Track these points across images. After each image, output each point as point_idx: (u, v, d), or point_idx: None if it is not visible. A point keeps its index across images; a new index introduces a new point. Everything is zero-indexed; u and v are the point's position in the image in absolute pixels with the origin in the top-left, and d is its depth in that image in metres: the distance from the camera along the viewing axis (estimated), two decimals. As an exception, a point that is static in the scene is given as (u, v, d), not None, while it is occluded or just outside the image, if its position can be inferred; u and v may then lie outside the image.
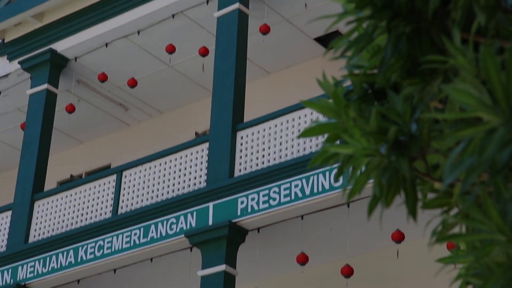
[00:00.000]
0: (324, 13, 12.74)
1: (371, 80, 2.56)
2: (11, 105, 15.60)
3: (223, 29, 12.47)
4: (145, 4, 13.44)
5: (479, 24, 2.26)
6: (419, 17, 2.38)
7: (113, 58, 14.26)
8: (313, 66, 13.88)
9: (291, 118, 11.45)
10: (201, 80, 14.68)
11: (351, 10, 2.49)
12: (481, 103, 2.09)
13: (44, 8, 14.39)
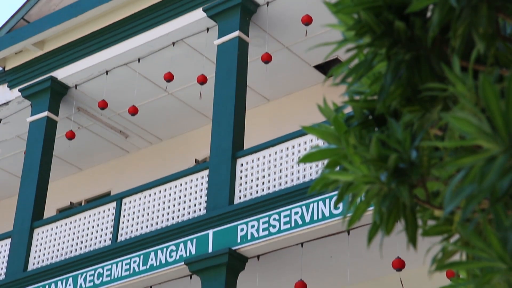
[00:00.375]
0: (324, 40, 12.78)
1: (371, 106, 2.56)
2: (11, 133, 15.62)
3: (223, 56, 12.51)
4: (146, 32, 13.49)
5: (478, 52, 2.26)
6: (418, 45, 2.39)
7: (113, 86, 14.29)
8: (313, 93, 13.91)
9: (291, 145, 11.46)
10: (201, 107, 14.71)
11: (351, 37, 2.50)
12: (480, 131, 2.09)
13: (45, 36, 14.44)
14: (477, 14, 2.20)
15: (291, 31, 13.07)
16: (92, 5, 13.83)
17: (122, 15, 13.78)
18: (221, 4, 12.68)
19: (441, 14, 2.25)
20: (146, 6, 13.53)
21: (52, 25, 14.20)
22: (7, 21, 15.01)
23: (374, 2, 2.38)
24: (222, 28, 12.69)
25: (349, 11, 2.43)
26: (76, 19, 14.04)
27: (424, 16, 2.39)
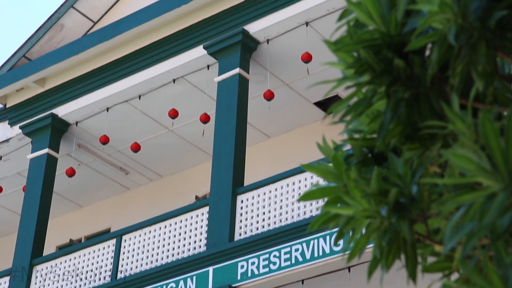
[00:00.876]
0: (324, 77, 12.83)
1: (370, 145, 2.57)
2: (11, 170, 15.62)
3: (224, 93, 12.55)
4: (147, 69, 13.55)
5: (477, 90, 2.28)
6: (418, 83, 2.40)
7: (114, 122, 14.32)
8: (313, 130, 13.93)
9: (291, 182, 11.45)
10: (201, 144, 14.72)
11: (350, 75, 2.51)
12: (480, 169, 2.09)
13: (46, 74, 14.50)
14: (475, 53, 2.22)
15: (291, 68, 13.13)
16: (93, 43, 13.90)
17: (123, 53, 13.85)
18: (222, 42, 12.75)
19: (440, 52, 2.26)
20: (147, 43, 13.61)
21: (53, 62, 14.26)
22: (8, 58, 15.08)
23: (373, 40, 2.40)
24: (222, 66, 12.74)
25: (349, 49, 2.44)
26: (77, 57, 14.11)
27: (423, 55, 2.41)
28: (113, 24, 13.82)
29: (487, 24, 2.18)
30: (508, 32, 2.20)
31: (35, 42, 14.87)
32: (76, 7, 14.81)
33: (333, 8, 11.96)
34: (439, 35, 2.25)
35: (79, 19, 14.91)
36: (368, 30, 2.42)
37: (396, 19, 2.37)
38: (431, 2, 2.21)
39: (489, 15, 2.18)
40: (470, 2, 2.17)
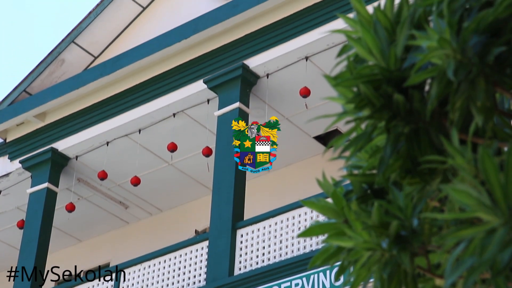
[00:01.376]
0: (324, 112, 12.85)
1: (370, 180, 2.57)
2: (11, 204, 15.59)
3: (224, 127, 12.56)
4: (147, 103, 13.58)
5: (476, 126, 2.28)
6: (417, 118, 2.41)
7: (114, 157, 14.33)
8: (313, 164, 13.93)
9: (291, 216, 11.43)
10: (201, 178, 14.71)
11: (350, 110, 2.52)
12: (480, 204, 2.10)
13: (46, 108, 14.53)
14: (474, 88, 2.23)
15: (291, 102, 13.16)
16: (94, 78, 13.95)
17: (123, 87, 13.89)
18: (222, 76, 12.79)
19: (440, 87, 2.27)
20: (147, 78, 13.65)
21: (54, 97, 14.30)
22: (9, 93, 15.11)
23: (373, 75, 2.41)
24: (222, 100, 12.77)
25: (349, 84, 2.46)
26: (78, 91, 14.15)
27: (422, 90, 2.42)
28: (114, 59, 13.88)
29: (486, 60, 2.19)
30: (507, 68, 2.22)
31: (36, 76, 14.92)
32: (77, 42, 14.89)
33: (333, 43, 12.01)
34: (438, 70, 2.27)
35: (80, 53, 14.97)
36: (367, 65, 2.43)
37: (396, 55, 2.38)
38: (430, 38, 2.22)
39: (488, 51, 2.20)
40: (469, 38, 2.18)
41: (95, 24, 14.88)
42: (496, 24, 2.20)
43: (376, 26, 2.43)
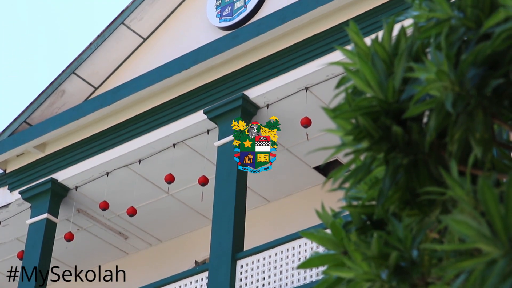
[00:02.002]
0: (324, 142, 12.87)
1: (369, 212, 2.57)
2: (10, 235, 15.55)
3: (224, 158, 12.57)
4: (147, 134, 13.59)
5: (475, 157, 2.29)
6: (416, 149, 2.41)
7: (114, 187, 14.31)
8: (313, 195, 13.92)
9: (291, 247, 11.41)
10: (201, 208, 14.70)
11: (349, 142, 2.53)
12: (480, 235, 2.09)
13: (47, 139, 14.54)
14: (473, 120, 2.23)
15: (291, 133, 13.17)
16: (94, 108, 13.98)
17: (123, 118, 13.91)
18: (222, 107, 12.82)
19: (438, 119, 2.28)
20: (147, 108, 13.67)
21: (54, 128, 14.32)
22: (9, 124, 15.14)
23: (371, 107, 2.41)
24: (222, 130, 12.79)
25: (347, 116, 2.46)
26: (78, 122, 14.17)
27: (421, 121, 2.43)
28: (114, 90, 13.91)
29: (484, 92, 2.20)
30: (505, 100, 2.23)
31: (36, 107, 14.95)
32: (77, 73, 14.93)
33: (332, 73, 12.05)
34: (436, 102, 2.27)
35: (80, 84, 15.02)
36: (366, 97, 2.44)
37: (394, 87, 2.39)
38: (428, 70, 2.23)
39: (486, 83, 2.21)
40: (467, 70, 2.19)
41: (96, 55, 14.93)
42: (494, 56, 2.22)
43: (374, 58, 2.44)
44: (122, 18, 14.72)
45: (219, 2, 13.95)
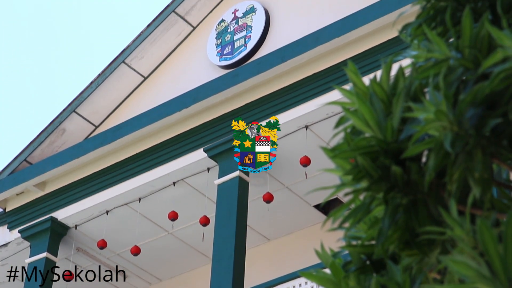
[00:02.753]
0: (324, 180, 12.86)
1: (369, 251, 2.57)
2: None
3: (224, 196, 12.55)
4: (147, 172, 13.59)
5: (474, 197, 2.29)
6: (415, 189, 2.41)
7: (113, 226, 14.28)
8: (313, 234, 13.88)
9: (291, 286, 11.36)
10: (201, 247, 14.65)
11: (348, 181, 2.53)
12: (479, 275, 2.09)
13: (47, 178, 14.54)
14: (472, 160, 2.24)
15: (291, 171, 13.17)
16: (94, 147, 13.99)
17: (124, 156, 13.92)
18: (222, 145, 12.83)
19: (437, 159, 2.28)
20: (147, 147, 13.69)
21: (54, 166, 14.32)
22: (9, 163, 15.14)
23: (370, 147, 2.42)
24: (222, 168, 12.79)
25: (346, 156, 2.46)
26: (78, 160, 14.17)
27: (420, 161, 2.43)
28: (114, 128, 13.94)
29: (483, 132, 2.21)
30: (504, 140, 2.23)
31: (37, 146, 14.96)
32: (78, 111, 14.97)
33: (332, 112, 12.08)
34: (435, 142, 2.28)
35: (81, 123, 15.05)
36: (364, 137, 2.44)
37: (392, 127, 2.40)
38: (427, 110, 2.24)
39: (484, 123, 2.21)
40: (465, 110, 2.20)
41: (96, 93, 14.98)
42: (492, 96, 2.23)
43: (372, 98, 2.45)
44: (123, 57, 14.79)
45: (219, 41, 14.03)
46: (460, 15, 2.60)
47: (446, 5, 2.64)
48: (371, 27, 11.85)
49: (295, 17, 13.31)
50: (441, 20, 2.69)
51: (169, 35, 14.77)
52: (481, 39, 2.34)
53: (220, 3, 14.51)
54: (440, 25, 2.70)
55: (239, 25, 13.92)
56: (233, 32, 13.92)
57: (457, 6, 2.62)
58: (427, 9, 2.73)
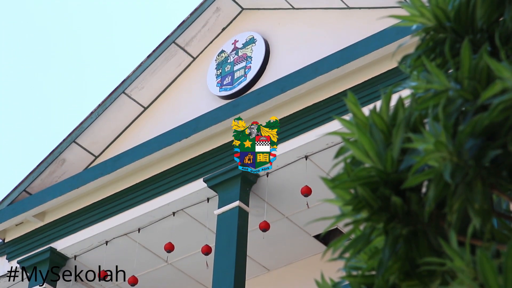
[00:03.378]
0: (324, 210, 12.84)
1: (369, 282, 2.56)
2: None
3: (223, 226, 12.53)
4: (146, 202, 13.57)
5: (474, 228, 2.29)
6: (415, 220, 2.41)
7: (113, 256, 14.24)
8: (313, 264, 13.83)
9: (292, 317, 11.31)
10: (201, 277, 14.59)
11: (348, 212, 2.53)
12: (480, 306, 2.08)
13: (46, 208, 14.51)
14: (472, 191, 2.24)
15: (291, 201, 13.15)
16: (94, 177, 13.98)
17: (123, 186, 13.91)
18: (222, 175, 12.82)
19: (437, 190, 2.29)
20: (147, 177, 13.68)
21: (54, 196, 14.30)
22: (9, 193, 15.12)
23: (370, 177, 2.42)
24: (222, 198, 12.77)
25: (346, 186, 2.47)
26: (78, 191, 14.16)
27: (420, 192, 2.44)
28: (114, 158, 13.94)
29: (482, 163, 2.21)
30: (503, 171, 2.23)
31: (36, 176, 14.95)
32: (78, 141, 14.98)
33: (332, 142, 12.09)
34: (435, 173, 2.28)
35: (81, 153, 15.05)
36: (364, 167, 2.45)
37: (392, 157, 2.40)
38: (426, 141, 2.25)
39: (484, 154, 2.22)
40: (465, 141, 2.21)
41: (97, 123, 15.00)
42: (492, 127, 2.23)
43: (372, 128, 2.46)
44: (123, 87, 14.84)
45: (219, 71, 14.08)
46: (459, 47, 2.61)
47: (445, 36, 2.66)
48: (371, 58, 11.90)
49: (295, 47, 13.37)
50: (440, 52, 2.71)
51: (169, 66, 14.83)
52: (480, 70, 2.36)
53: (220, 34, 14.59)
54: (439, 56, 2.72)
55: (239, 55, 13.98)
56: (233, 62, 13.98)
57: (456, 38, 2.64)
58: (426, 40, 2.74)
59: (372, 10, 12.78)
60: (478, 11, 2.61)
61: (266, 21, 14.14)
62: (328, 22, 13.33)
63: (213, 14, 14.45)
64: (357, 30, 12.60)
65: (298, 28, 13.58)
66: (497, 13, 2.60)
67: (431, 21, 2.65)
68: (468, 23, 2.63)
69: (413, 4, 2.68)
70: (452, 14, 2.64)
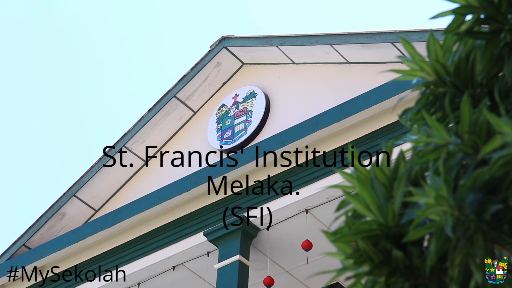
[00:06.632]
0: (325, 264, 12.78)
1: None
2: None
3: (224, 280, 12.46)
4: (146, 256, 13.51)
5: (476, 282, 2.28)
6: (417, 274, 2.41)
7: (112, 311, 14.12)
8: (314, 318, 13.73)
9: None
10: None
11: (349, 265, 2.52)
12: None
13: (45, 263, 14.43)
14: (473, 245, 2.24)
15: (292, 255, 13.10)
16: (94, 231, 13.93)
17: (123, 240, 13.86)
18: (222, 229, 12.79)
19: (438, 244, 2.28)
20: (147, 231, 13.64)
21: (53, 251, 14.23)
22: (8, 248, 15.06)
23: (371, 231, 2.42)
24: (222, 252, 12.72)
25: (347, 240, 2.47)
26: (77, 245, 14.10)
27: (421, 245, 2.43)
28: (114, 212, 13.91)
29: (484, 217, 2.22)
30: (504, 225, 2.24)
31: (36, 230, 14.91)
32: (78, 195, 14.97)
33: (333, 196, 12.08)
34: (436, 226, 2.28)
35: (81, 207, 15.03)
36: (366, 221, 2.45)
37: (394, 211, 2.41)
38: (427, 195, 2.25)
39: (485, 208, 2.22)
40: (466, 195, 2.21)
41: (97, 178, 15.00)
42: (492, 182, 2.24)
43: (373, 182, 2.47)
44: (124, 141, 14.87)
45: (220, 125, 14.12)
46: (459, 101, 2.63)
47: (445, 91, 2.68)
48: (371, 112, 11.95)
49: (295, 102, 13.44)
50: (440, 106, 2.73)
51: (170, 120, 14.88)
52: (480, 125, 2.37)
53: (220, 88, 14.67)
54: (440, 110, 2.73)
55: (239, 109, 14.04)
56: (234, 116, 14.03)
57: (456, 92, 2.66)
58: (426, 94, 2.76)
59: (371, 65, 12.88)
60: (478, 66, 2.63)
61: (266, 76, 14.24)
62: (328, 76, 13.42)
63: (214, 69, 14.54)
64: (357, 84, 12.68)
65: (298, 82, 13.67)
66: (496, 68, 2.63)
67: (431, 75, 2.67)
68: (467, 77, 2.65)
69: (413, 59, 2.70)
70: (452, 68, 2.66)
